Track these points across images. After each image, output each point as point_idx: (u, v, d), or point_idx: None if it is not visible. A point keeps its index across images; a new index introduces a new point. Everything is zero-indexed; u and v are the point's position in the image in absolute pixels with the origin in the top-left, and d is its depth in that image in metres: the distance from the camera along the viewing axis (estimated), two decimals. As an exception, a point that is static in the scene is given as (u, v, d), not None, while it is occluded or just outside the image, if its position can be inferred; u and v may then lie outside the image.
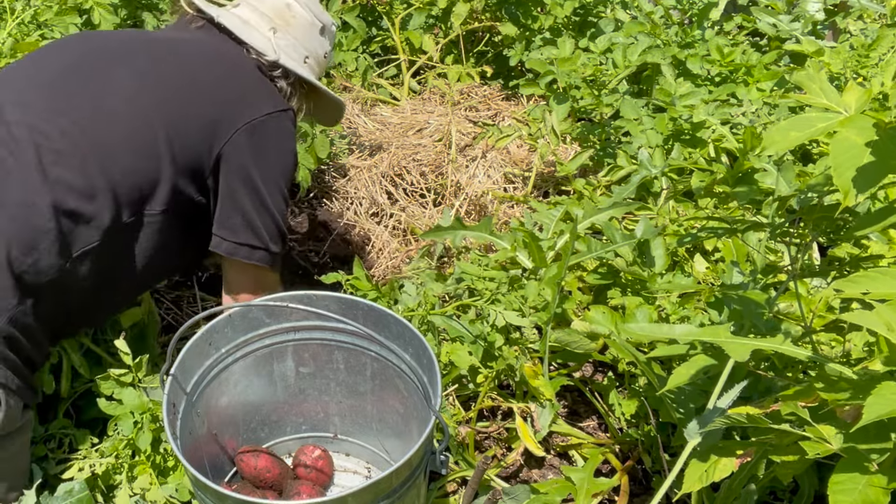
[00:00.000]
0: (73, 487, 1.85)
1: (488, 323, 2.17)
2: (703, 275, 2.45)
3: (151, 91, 1.88)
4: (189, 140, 1.87)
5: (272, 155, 1.96)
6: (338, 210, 2.99)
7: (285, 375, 2.03)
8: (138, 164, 1.82)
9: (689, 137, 2.84)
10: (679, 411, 1.86)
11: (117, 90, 1.86)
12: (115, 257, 1.85)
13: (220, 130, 1.89)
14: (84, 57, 1.93)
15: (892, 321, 1.15)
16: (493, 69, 3.61)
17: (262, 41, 2.02)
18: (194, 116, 1.89)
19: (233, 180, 1.92)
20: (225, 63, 1.99)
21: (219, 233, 1.96)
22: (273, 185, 1.96)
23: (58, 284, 1.74)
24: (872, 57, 3.00)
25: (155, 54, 1.95)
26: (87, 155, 1.77)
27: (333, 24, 2.20)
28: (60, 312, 1.82)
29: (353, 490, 1.54)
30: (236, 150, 1.90)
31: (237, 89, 1.96)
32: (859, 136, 1.16)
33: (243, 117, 1.91)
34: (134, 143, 1.82)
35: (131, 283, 1.97)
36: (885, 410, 1.12)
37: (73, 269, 1.76)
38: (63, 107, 1.82)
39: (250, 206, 1.93)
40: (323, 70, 2.22)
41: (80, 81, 1.87)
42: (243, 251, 1.96)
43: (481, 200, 3.00)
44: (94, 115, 1.82)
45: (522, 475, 2.18)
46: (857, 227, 1.38)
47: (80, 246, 1.76)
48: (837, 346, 1.96)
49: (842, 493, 1.20)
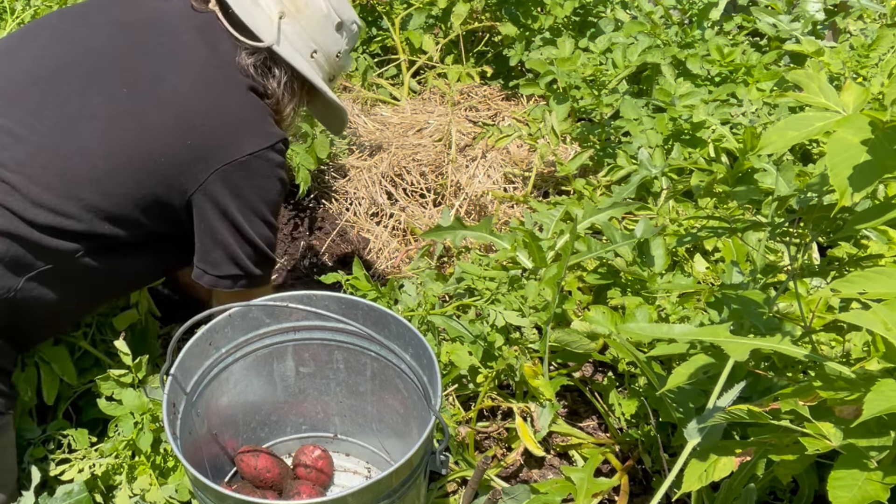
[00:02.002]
0: (72, 489, 1.85)
1: (488, 323, 2.17)
2: (703, 275, 2.45)
3: (125, 131, 1.76)
4: (160, 182, 1.79)
5: (253, 190, 1.87)
6: (337, 210, 2.99)
7: (285, 375, 2.03)
8: (101, 202, 1.75)
9: (689, 137, 2.84)
10: (679, 411, 1.86)
11: (89, 124, 1.74)
12: (71, 280, 1.79)
13: (196, 172, 1.80)
14: (60, 70, 1.80)
15: (889, 320, 1.15)
16: (493, 69, 3.61)
17: (266, 23, 1.88)
18: (168, 159, 1.78)
19: (211, 218, 1.85)
20: (212, 93, 1.84)
21: (200, 265, 1.92)
22: (255, 216, 1.88)
23: (9, 305, 1.71)
24: (872, 57, 3.00)
25: (135, 83, 1.79)
26: (45, 191, 1.70)
27: (355, 24, 2.05)
28: (18, 328, 1.78)
29: (353, 490, 1.54)
30: (212, 191, 1.82)
31: (220, 128, 1.82)
32: (856, 135, 1.16)
33: (221, 158, 1.81)
34: (98, 182, 1.74)
35: (91, 300, 1.93)
36: (885, 407, 1.13)
37: (26, 290, 1.72)
38: (24, 133, 1.72)
39: (231, 240, 1.88)
40: (336, 72, 2.07)
41: (48, 106, 1.75)
42: (225, 283, 1.93)
43: (481, 200, 3.00)
44: (59, 149, 1.72)
45: (522, 475, 2.18)
46: (853, 223, 1.38)
47: (33, 270, 1.72)
48: (837, 345, 1.96)
49: (841, 489, 1.20)
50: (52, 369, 2.01)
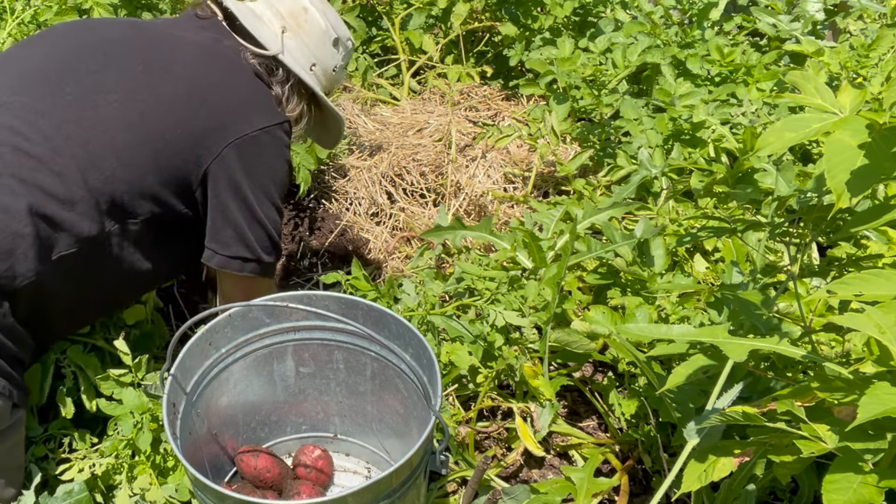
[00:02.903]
0: (72, 489, 1.85)
1: (488, 323, 2.17)
2: (703, 275, 2.45)
3: (142, 102, 1.83)
4: (177, 154, 1.85)
5: (264, 168, 1.93)
6: (337, 210, 2.99)
7: (285, 375, 2.03)
8: (122, 174, 1.80)
9: (689, 137, 2.84)
10: (678, 411, 1.86)
11: (107, 98, 1.82)
12: (95, 264, 1.82)
13: (211, 145, 1.87)
14: (77, 55, 1.88)
15: (882, 323, 1.15)
16: (493, 69, 3.61)
17: (269, 35, 2.00)
18: (184, 130, 1.86)
19: (223, 194, 1.90)
20: (221, 70, 1.94)
21: (210, 246, 1.95)
22: (265, 197, 1.94)
23: (35, 288, 1.72)
24: (872, 57, 2.99)
25: (149, 61, 1.90)
26: (69, 162, 1.75)
27: (350, 41, 2.17)
28: (41, 315, 1.80)
29: (353, 490, 1.54)
30: (226, 165, 1.88)
31: (231, 101, 1.92)
32: (853, 137, 1.16)
33: (235, 132, 1.88)
34: (119, 153, 1.79)
35: (114, 289, 1.96)
36: (879, 410, 1.12)
37: (51, 273, 1.74)
38: (48, 108, 1.78)
39: (241, 220, 1.92)
40: (331, 85, 2.18)
41: (68, 83, 1.82)
42: (235, 264, 1.95)
43: (481, 200, 3.00)
44: (80, 122, 1.78)
45: (522, 475, 2.18)
46: (851, 224, 1.38)
47: (58, 251, 1.74)
48: (838, 346, 1.96)
49: (836, 491, 1.20)
50: (89, 377, 2.03)
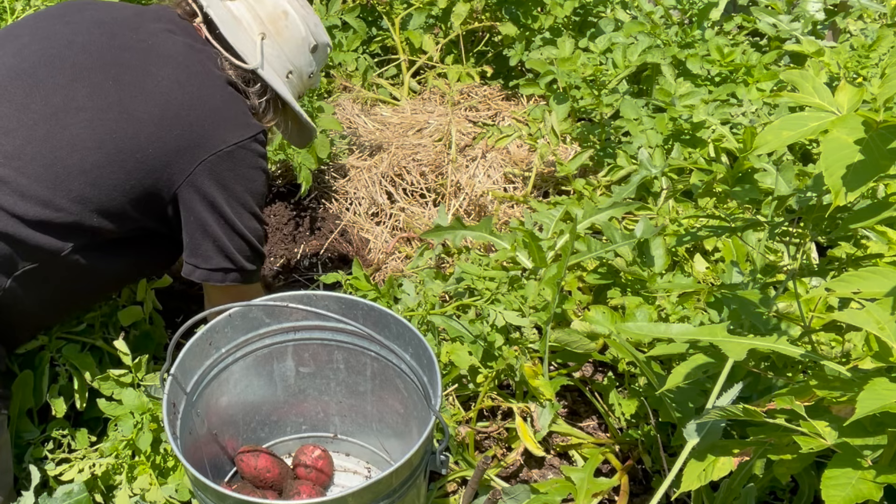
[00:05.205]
0: (72, 489, 1.85)
1: (488, 323, 2.17)
2: (703, 275, 2.46)
3: (112, 122, 1.77)
4: (149, 173, 1.80)
5: (240, 181, 1.89)
6: (337, 210, 3.00)
7: (285, 375, 2.03)
8: (91, 194, 1.76)
9: (689, 137, 2.84)
10: (678, 411, 1.86)
11: (77, 116, 1.76)
12: (59, 276, 1.80)
13: (183, 163, 1.82)
14: (44, 64, 1.80)
15: (882, 319, 1.15)
16: (493, 69, 3.61)
17: (248, 45, 1.94)
18: (156, 149, 1.80)
19: (200, 210, 1.86)
20: (194, 85, 1.86)
21: (190, 261, 1.92)
22: (242, 208, 1.90)
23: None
24: (872, 57, 2.99)
25: (120, 76, 1.81)
26: (33, 184, 1.71)
27: (329, 46, 2.13)
28: (6, 324, 1.80)
29: (353, 490, 1.54)
30: (200, 182, 1.84)
31: (205, 118, 1.84)
32: (850, 135, 1.17)
33: (209, 148, 1.83)
34: (87, 174, 1.75)
35: (80, 296, 1.95)
36: (878, 405, 1.13)
37: (14, 286, 1.74)
38: (12, 126, 1.74)
39: (221, 233, 1.89)
40: (304, 91, 2.14)
41: (34, 100, 1.76)
42: (217, 276, 1.93)
43: (481, 200, 3.01)
44: (47, 141, 1.73)
45: (522, 475, 2.18)
46: (849, 222, 1.38)
47: (22, 267, 1.73)
48: (837, 345, 1.96)
49: (834, 487, 1.20)
50: (85, 378, 2.03)
